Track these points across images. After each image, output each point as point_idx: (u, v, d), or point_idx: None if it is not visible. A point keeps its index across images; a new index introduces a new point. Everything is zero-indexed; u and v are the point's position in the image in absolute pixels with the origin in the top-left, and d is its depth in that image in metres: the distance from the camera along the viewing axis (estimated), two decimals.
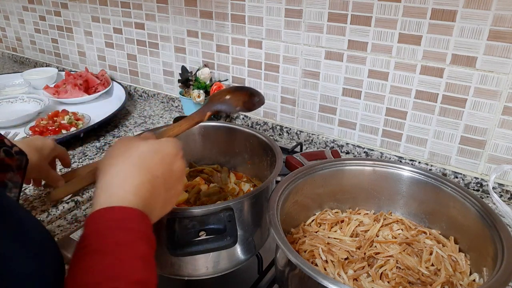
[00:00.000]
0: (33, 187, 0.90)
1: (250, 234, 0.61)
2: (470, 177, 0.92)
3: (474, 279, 0.56)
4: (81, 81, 1.42)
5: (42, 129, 1.12)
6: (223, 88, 0.86)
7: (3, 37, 2.00)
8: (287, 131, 1.17)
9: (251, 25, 1.11)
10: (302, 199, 0.67)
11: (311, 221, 0.68)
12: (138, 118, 1.30)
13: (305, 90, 1.09)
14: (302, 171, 0.66)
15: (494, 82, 0.83)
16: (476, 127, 0.88)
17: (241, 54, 1.17)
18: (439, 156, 0.95)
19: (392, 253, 0.59)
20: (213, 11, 1.17)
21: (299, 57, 1.06)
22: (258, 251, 0.65)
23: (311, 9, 0.99)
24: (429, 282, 0.56)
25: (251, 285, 0.65)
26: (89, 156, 1.04)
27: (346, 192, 0.71)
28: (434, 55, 0.87)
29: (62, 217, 0.82)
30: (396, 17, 0.88)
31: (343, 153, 1.08)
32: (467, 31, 0.82)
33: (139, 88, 1.49)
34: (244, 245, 0.61)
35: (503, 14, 0.77)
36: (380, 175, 0.69)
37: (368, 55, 0.95)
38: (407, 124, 0.97)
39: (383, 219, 0.67)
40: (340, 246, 0.61)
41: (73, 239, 0.75)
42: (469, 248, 0.60)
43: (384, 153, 1.02)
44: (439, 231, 0.65)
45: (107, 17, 1.46)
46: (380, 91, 0.97)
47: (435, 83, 0.89)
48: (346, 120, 1.06)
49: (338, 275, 0.56)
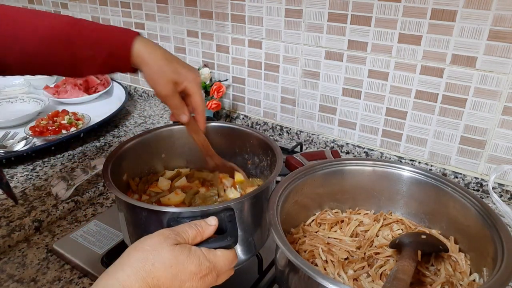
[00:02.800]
0: (33, 187, 0.90)
1: (250, 234, 0.61)
2: (470, 177, 0.92)
3: (474, 279, 0.56)
4: (81, 81, 1.42)
5: (42, 129, 1.12)
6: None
7: None
8: (287, 131, 1.17)
9: (251, 25, 1.11)
10: (302, 199, 0.67)
11: (311, 221, 0.68)
12: (138, 118, 1.30)
13: (305, 90, 1.09)
14: (302, 171, 0.66)
15: (494, 82, 0.83)
16: (476, 127, 0.88)
17: (241, 54, 1.17)
18: (439, 156, 0.95)
19: (392, 253, 0.59)
20: (213, 11, 1.17)
21: (299, 57, 1.06)
22: (258, 251, 0.65)
23: (311, 9, 0.99)
24: (429, 282, 0.55)
25: (251, 285, 0.65)
26: (89, 156, 1.04)
27: (346, 192, 0.71)
28: (434, 55, 0.87)
29: (62, 217, 0.82)
30: (396, 17, 0.88)
31: (343, 153, 1.08)
32: (467, 31, 0.82)
33: (139, 88, 1.49)
34: (245, 245, 0.61)
35: (503, 14, 0.77)
36: (380, 175, 0.69)
37: (368, 55, 0.95)
38: (407, 124, 0.97)
39: (383, 219, 0.67)
40: (340, 246, 0.61)
41: (73, 239, 0.75)
42: (469, 248, 0.60)
43: (384, 153, 1.02)
44: (439, 231, 0.65)
45: (107, 17, 1.46)
46: (380, 91, 0.97)
47: (435, 83, 0.89)
48: (346, 120, 1.06)
49: (338, 275, 0.56)
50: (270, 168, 0.71)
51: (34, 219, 0.78)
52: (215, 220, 0.50)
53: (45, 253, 0.73)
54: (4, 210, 0.82)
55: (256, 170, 0.76)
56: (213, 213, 0.53)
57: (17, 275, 0.68)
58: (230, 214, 0.53)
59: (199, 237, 0.47)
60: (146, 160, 0.75)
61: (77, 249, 0.72)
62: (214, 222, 0.50)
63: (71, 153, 1.06)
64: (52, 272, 0.68)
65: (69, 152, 1.07)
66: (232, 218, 0.53)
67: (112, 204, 0.86)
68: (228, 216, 0.52)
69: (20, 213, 0.81)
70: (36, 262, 0.71)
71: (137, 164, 0.73)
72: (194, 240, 0.47)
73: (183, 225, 0.48)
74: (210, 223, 0.49)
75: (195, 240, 0.47)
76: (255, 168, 0.77)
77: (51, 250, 0.73)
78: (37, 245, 0.75)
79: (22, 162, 1.00)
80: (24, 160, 1.01)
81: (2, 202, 0.84)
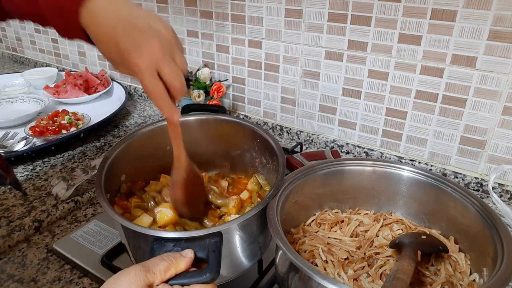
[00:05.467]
0: (33, 187, 0.90)
1: (256, 242, 0.60)
2: (470, 177, 0.92)
3: (474, 279, 0.56)
4: (81, 81, 1.42)
5: (42, 129, 1.12)
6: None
7: (3, 37, 2.00)
8: (287, 131, 1.17)
9: (251, 25, 1.11)
10: (302, 199, 0.67)
11: (311, 221, 0.68)
12: (138, 118, 1.30)
13: (305, 90, 1.09)
14: (302, 171, 0.66)
15: (494, 82, 0.83)
16: (476, 127, 0.88)
17: (241, 54, 1.17)
18: (439, 156, 0.95)
19: (392, 253, 0.59)
20: (213, 11, 1.17)
21: (299, 57, 1.06)
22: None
23: (311, 9, 0.99)
24: (429, 282, 0.56)
25: (251, 285, 0.65)
26: (89, 156, 1.04)
27: (346, 192, 0.71)
28: (434, 55, 0.87)
29: (62, 217, 0.82)
30: (396, 17, 0.88)
31: (343, 153, 1.08)
32: (467, 31, 0.82)
33: (139, 88, 1.49)
34: (251, 251, 0.60)
35: (503, 14, 0.77)
36: (380, 175, 0.69)
37: (368, 55, 0.95)
38: (407, 124, 0.97)
39: (383, 219, 0.67)
40: (340, 246, 0.61)
41: (73, 239, 0.75)
42: (469, 248, 0.60)
43: (384, 153, 1.02)
44: (439, 231, 0.65)
45: None
46: (380, 91, 0.97)
47: (435, 83, 0.89)
48: (346, 120, 1.06)
49: (338, 275, 0.56)
50: (276, 172, 0.66)
51: (34, 219, 0.78)
52: (191, 253, 0.47)
53: (45, 253, 0.73)
54: (4, 210, 0.82)
55: (264, 170, 0.75)
56: (198, 238, 0.49)
57: (17, 275, 0.68)
58: (215, 242, 0.48)
59: (172, 269, 0.44)
60: (149, 156, 0.74)
61: (77, 249, 0.72)
62: (190, 254, 0.47)
63: (71, 153, 1.06)
64: (52, 272, 0.68)
65: (69, 152, 1.07)
66: (216, 247, 0.48)
67: None
68: (212, 244, 0.48)
69: (20, 213, 0.81)
70: (36, 262, 0.71)
71: (138, 163, 0.72)
72: (167, 272, 0.44)
73: (155, 259, 0.45)
74: (186, 255, 0.46)
75: (168, 273, 0.44)
76: (263, 167, 0.75)
77: (51, 250, 0.73)
78: (37, 245, 0.75)
79: (22, 162, 1.00)
80: (24, 160, 1.01)
81: (2, 202, 0.84)
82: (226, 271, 0.58)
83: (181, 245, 0.48)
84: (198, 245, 0.48)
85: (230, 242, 0.54)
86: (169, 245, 0.48)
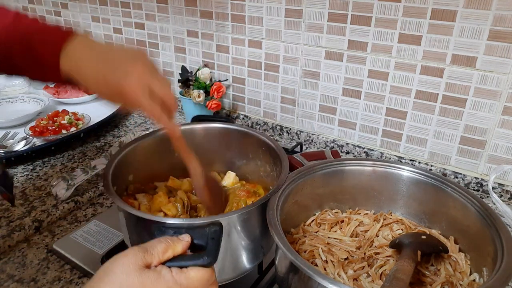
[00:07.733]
0: (33, 187, 0.90)
1: (259, 241, 0.61)
2: (470, 177, 0.92)
3: (474, 279, 0.56)
4: None
5: (42, 129, 1.12)
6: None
7: None
8: (287, 131, 1.17)
9: (251, 25, 1.11)
10: (302, 199, 0.67)
11: (311, 221, 0.68)
12: (138, 118, 1.30)
13: (305, 90, 1.09)
14: (302, 171, 0.66)
15: (494, 82, 0.83)
16: (476, 127, 0.88)
17: (241, 54, 1.17)
18: (439, 156, 0.95)
19: (392, 253, 0.59)
20: (213, 11, 1.17)
21: (299, 57, 1.06)
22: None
23: (311, 9, 0.99)
24: (429, 282, 0.56)
25: (251, 285, 0.65)
26: (89, 156, 1.04)
27: (346, 192, 0.71)
28: (434, 55, 0.87)
29: (62, 217, 0.82)
30: (396, 17, 0.88)
31: (343, 153, 1.08)
32: (467, 31, 0.82)
33: None
34: (253, 252, 0.60)
35: (503, 14, 0.77)
36: (380, 175, 0.69)
37: (368, 55, 0.95)
38: (407, 124, 0.97)
39: (383, 219, 0.67)
40: (340, 246, 0.61)
41: (73, 239, 0.75)
42: (469, 248, 0.60)
43: (384, 153, 1.02)
44: (439, 231, 0.65)
45: (107, 17, 1.46)
46: (380, 91, 0.97)
47: (435, 83, 0.89)
48: (346, 120, 1.06)
49: (338, 275, 0.56)
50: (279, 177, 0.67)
51: (34, 219, 0.78)
52: (188, 237, 0.48)
53: (45, 253, 0.73)
54: (4, 210, 0.82)
55: (268, 179, 0.76)
56: (198, 226, 0.50)
57: (17, 275, 0.68)
58: (215, 230, 0.50)
59: (170, 250, 0.45)
60: (157, 158, 0.74)
61: (77, 249, 0.72)
62: (187, 238, 0.48)
63: (71, 153, 1.06)
64: (52, 272, 0.68)
65: (69, 152, 1.07)
66: (216, 235, 0.49)
67: (112, 204, 0.86)
68: (212, 232, 0.49)
69: (20, 213, 0.81)
70: (36, 262, 0.71)
71: (145, 164, 0.73)
72: (165, 254, 0.44)
73: (153, 241, 0.46)
74: (183, 239, 0.47)
75: (166, 254, 0.45)
76: (267, 176, 0.76)
77: (51, 250, 0.73)
78: (37, 245, 0.75)
79: (22, 162, 1.00)
80: (24, 160, 1.01)
81: (2, 202, 0.84)
82: (227, 271, 0.59)
83: (182, 232, 0.50)
84: (198, 232, 0.49)
85: (230, 236, 0.56)
86: (170, 232, 0.49)
